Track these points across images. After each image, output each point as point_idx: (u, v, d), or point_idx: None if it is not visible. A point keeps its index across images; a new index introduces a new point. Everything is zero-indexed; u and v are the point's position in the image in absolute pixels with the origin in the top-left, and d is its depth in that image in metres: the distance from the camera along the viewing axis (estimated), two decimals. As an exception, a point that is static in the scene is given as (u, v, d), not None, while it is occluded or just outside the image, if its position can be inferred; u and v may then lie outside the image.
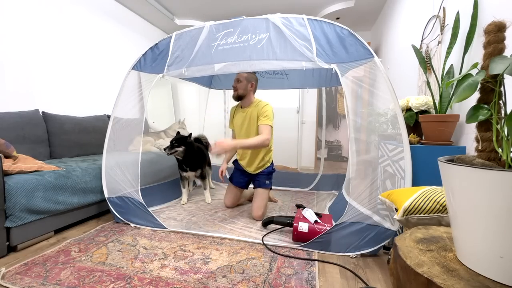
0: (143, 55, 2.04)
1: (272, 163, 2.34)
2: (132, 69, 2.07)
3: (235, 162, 2.41)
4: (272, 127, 2.09)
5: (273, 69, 1.93)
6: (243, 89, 2.16)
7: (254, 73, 2.23)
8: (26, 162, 1.70)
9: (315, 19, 1.70)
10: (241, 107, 2.26)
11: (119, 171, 2.07)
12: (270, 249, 1.57)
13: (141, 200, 1.97)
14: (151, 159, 2.62)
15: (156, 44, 2.02)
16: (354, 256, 1.50)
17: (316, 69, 2.76)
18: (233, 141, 2.00)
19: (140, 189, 2.07)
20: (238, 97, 2.20)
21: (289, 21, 1.73)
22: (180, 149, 2.33)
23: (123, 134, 2.17)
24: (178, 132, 2.48)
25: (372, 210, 1.57)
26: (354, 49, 1.60)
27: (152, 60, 2.02)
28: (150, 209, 1.98)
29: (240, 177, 2.35)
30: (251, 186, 2.38)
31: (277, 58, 1.71)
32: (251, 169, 2.28)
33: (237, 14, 3.95)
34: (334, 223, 1.72)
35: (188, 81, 3.28)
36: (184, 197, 2.53)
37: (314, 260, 1.47)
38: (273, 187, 3.10)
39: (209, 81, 3.41)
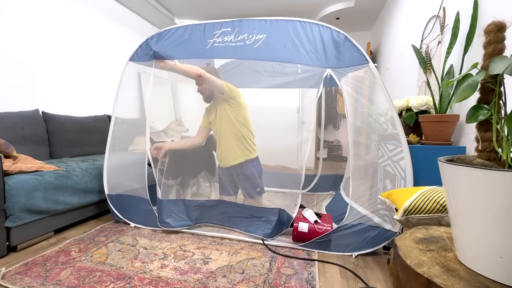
0: (139, 46, 2.04)
1: (254, 160, 2.08)
2: (129, 60, 2.07)
3: (218, 167, 2.23)
4: (205, 126, 2.15)
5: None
6: (209, 87, 2.04)
7: (208, 64, 2.13)
8: (26, 162, 1.70)
9: (313, 22, 1.70)
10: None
11: (121, 170, 2.07)
12: (270, 249, 1.57)
13: (148, 197, 1.97)
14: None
15: (152, 36, 2.02)
16: (355, 256, 1.50)
17: (316, 68, 2.74)
18: (169, 144, 2.04)
19: (142, 187, 2.06)
20: (209, 98, 2.12)
21: (286, 24, 1.73)
22: (166, 159, 2.16)
23: (126, 133, 2.17)
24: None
25: (372, 211, 1.57)
26: (349, 54, 1.60)
27: (149, 50, 2.02)
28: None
29: (226, 183, 2.13)
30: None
31: (273, 59, 1.72)
32: (224, 163, 2.11)
33: (237, 14, 3.95)
34: (334, 224, 1.72)
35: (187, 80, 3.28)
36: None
37: (314, 260, 1.47)
38: (272, 188, 3.10)
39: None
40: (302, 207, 1.88)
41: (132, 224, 1.92)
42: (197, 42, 1.88)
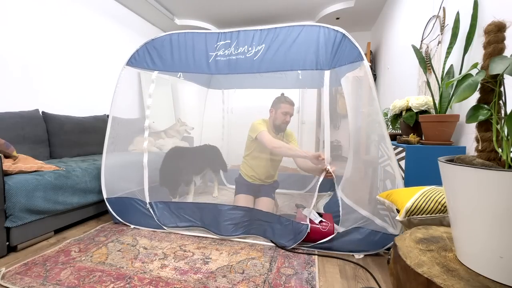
0: (137, 50, 2.03)
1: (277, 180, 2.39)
2: (126, 65, 2.05)
3: (240, 178, 2.29)
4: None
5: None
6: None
7: (282, 94, 2.28)
8: (26, 162, 1.70)
9: (309, 24, 1.70)
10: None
11: (121, 171, 2.06)
12: (278, 246, 1.57)
13: (147, 199, 1.95)
14: (151, 160, 2.62)
15: (153, 39, 2.01)
16: (360, 258, 1.50)
17: (315, 71, 2.76)
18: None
19: (141, 189, 2.06)
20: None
21: (284, 30, 1.73)
22: None
23: (125, 133, 2.17)
24: None
25: (373, 212, 1.57)
26: (347, 52, 1.60)
27: (148, 56, 2.01)
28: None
29: (247, 191, 2.23)
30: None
31: (274, 69, 1.71)
32: (259, 181, 2.26)
33: (237, 15, 3.95)
34: (335, 225, 1.71)
35: (187, 81, 3.29)
36: (190, 196, 2.54)
37: (315, 254, 1.47)
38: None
39: (208, 81, 3.41)
40: (302, 207, 1.88)
41: (132, 226, 1.92)
42: (200, 54, 1.88)
